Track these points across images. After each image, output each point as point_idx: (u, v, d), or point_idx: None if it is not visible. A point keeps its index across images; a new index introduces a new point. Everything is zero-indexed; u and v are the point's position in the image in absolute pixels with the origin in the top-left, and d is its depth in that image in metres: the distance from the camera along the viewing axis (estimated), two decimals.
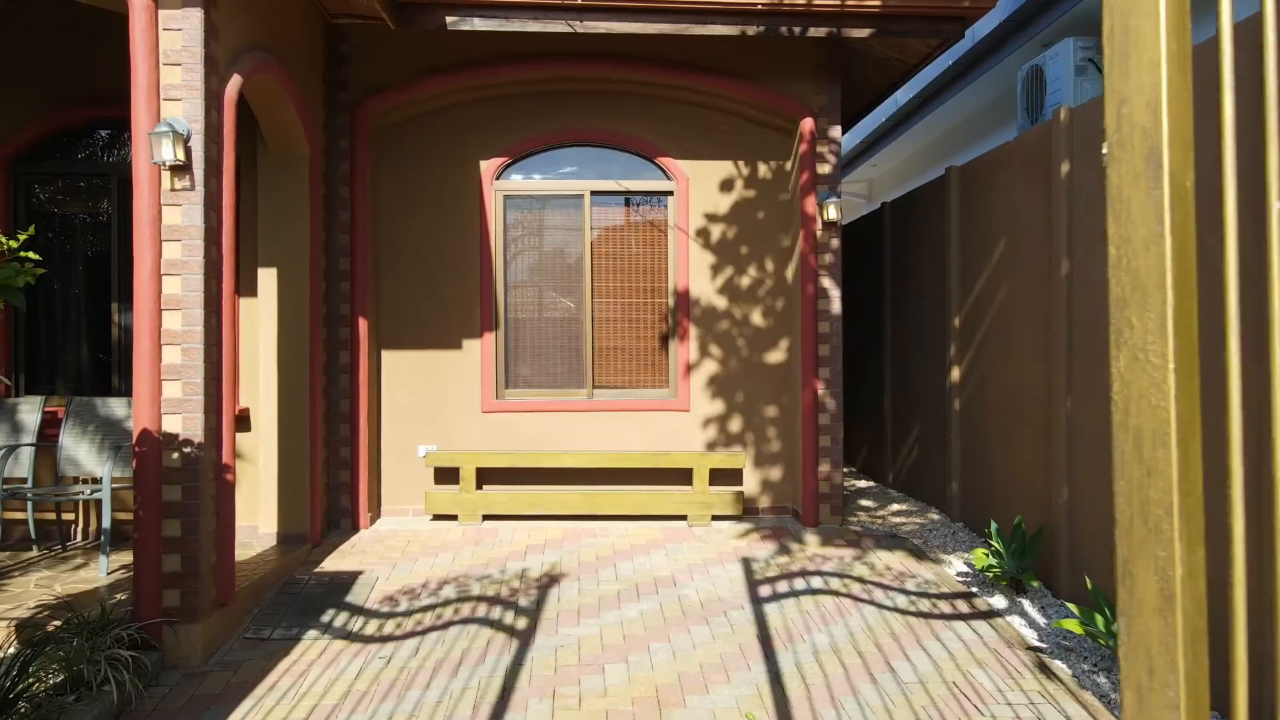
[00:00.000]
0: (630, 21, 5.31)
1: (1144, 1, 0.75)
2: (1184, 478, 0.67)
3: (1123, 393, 0.72)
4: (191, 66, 3.80)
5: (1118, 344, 0.73)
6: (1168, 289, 0.70)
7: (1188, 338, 0.68)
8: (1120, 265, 0.74)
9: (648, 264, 6.43)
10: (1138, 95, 0.76)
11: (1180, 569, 0.68)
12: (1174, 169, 0.73)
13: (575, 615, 4.40)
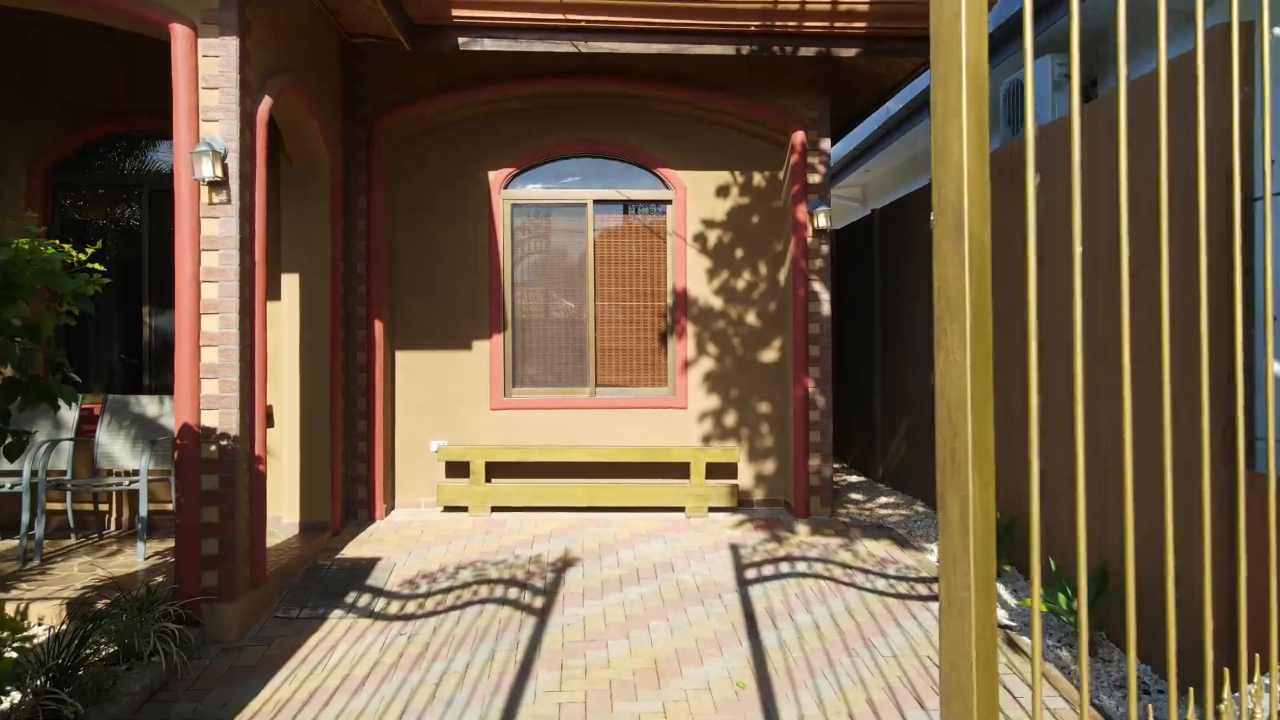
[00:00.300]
0: (631, 42, 5.63)
1: (952, 120, 1.06)
2: (978, 437, 0.98)
3: (940, 378, 1.03)
4: (228, 90, 4.12)
5: (938, 346, 1.05)
6: (967, 310, 1.01)
7: (982, 342, 0.99)
8: (940, 293, 1.06)
9: (647, 268, 6.75)
10: (949, 182, 1.07)
11: (973, 497, 0.99)
12: (973, 230, 1.04)
13: (580, 597, 4.72)
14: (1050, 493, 4.74)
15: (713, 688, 3.63)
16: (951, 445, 1.01)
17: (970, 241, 1.05)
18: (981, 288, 1.03)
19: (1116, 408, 3.87)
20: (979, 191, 1.05)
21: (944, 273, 1.08)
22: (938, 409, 1.04)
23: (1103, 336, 3.99)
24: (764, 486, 6.70)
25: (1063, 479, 4.56)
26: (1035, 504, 1.11)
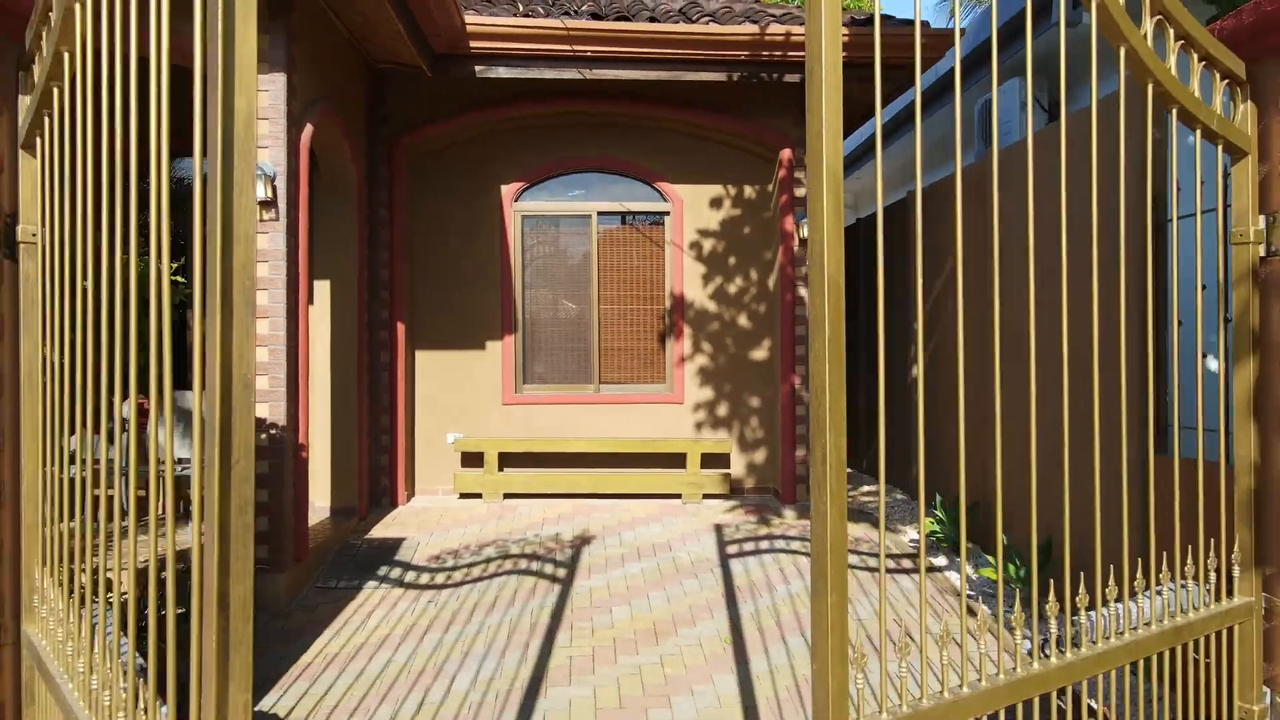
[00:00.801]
0: (632, 70, 6.14)
1: (816, 201, 1.57)
2: (834, 407, 1.50)
3: (812, 372, 1.55)
4: (276, 120, 4.63)
5: (810, 350, 1.57)
6: (826, 326, 1.52)
7: (837, 347, 1.51)
8: (811, 315, 1.57)
9: (647, 274, 7.26)
10: (817, 240, 1.58)
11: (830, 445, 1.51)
12: (831, 272, 1.55)
13: (587, 571, 5.23)
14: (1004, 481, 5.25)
15: (703, 644, 4.15)
16: (819, 413, 1.53)
17: (829, 280, 1.57)
18: (836, 310, 1.55)
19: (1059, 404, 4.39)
20: (835, 248, 1.58)
21: (814, 300, 1.60)
22: (812, 389, 1.57)
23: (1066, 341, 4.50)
24: (754, 475, 7.22)
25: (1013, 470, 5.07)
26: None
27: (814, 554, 1.61)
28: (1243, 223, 2.50)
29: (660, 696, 3.60)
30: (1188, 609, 2.30)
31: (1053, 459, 4.51)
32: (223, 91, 1.28)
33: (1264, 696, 2.47)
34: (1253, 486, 2.50)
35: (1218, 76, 2.42)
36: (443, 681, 3.68)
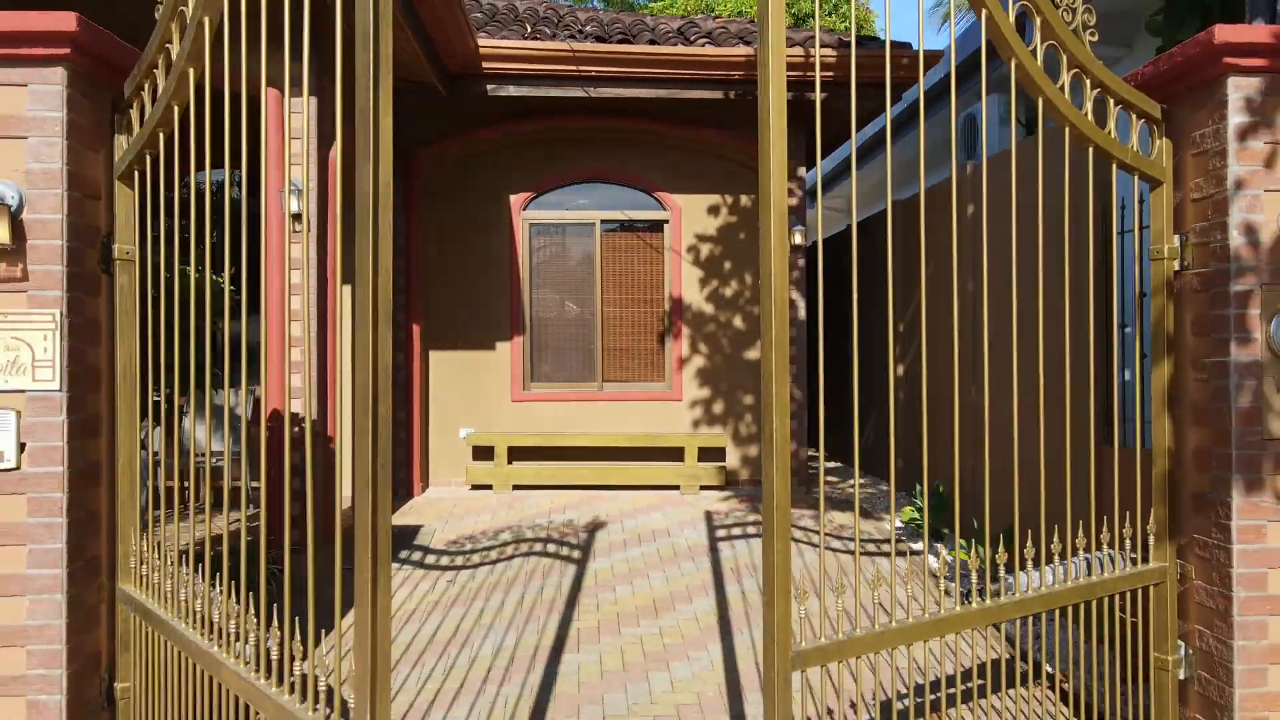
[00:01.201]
0: (634, 89, 6.53)
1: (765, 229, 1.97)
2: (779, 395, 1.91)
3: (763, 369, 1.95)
4: (309, 140, 5.01)
5: (762, 350, 1.97)
6: (773, 330, 1.92)
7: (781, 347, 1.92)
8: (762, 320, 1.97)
9: (647, 278, 7.66)
10: (765, 259, 1.98)
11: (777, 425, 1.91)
12: (777, 289, 1.96)
13: (593, 555, 5.62)
14: (976, 472, 5.65)
15: (698, 618, 4.54)
16: (768, 399, 1.93)
17: (775, 293, 1.97)
18: (781, 318, 1.96)
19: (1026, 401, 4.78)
20: (781, 266, 1.98)
21: (764, 309, 2.00)
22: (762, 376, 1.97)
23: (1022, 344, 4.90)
24: (748, 468, 7.60)
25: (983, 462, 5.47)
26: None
27: (764, 511, 2.01)
28: (1159, 241, 2.89)
29: (659, 661, 3.99)
30: (1102, 572, 2.70)
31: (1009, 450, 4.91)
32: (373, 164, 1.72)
33: (1179, 649, 2.86)
34: (1167, 469, 2.89)
35: (1134, 117, 2.81)
36: (468, 650, 4.08)
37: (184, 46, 2.32)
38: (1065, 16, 2.60)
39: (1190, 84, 2.78)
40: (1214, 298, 2.72)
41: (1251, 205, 2.65)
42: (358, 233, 1.86)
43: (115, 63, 2.61)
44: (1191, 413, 2.84)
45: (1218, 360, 2.71)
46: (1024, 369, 4.13)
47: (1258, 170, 2.65)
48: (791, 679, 2.12)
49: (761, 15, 2.05)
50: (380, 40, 1.86)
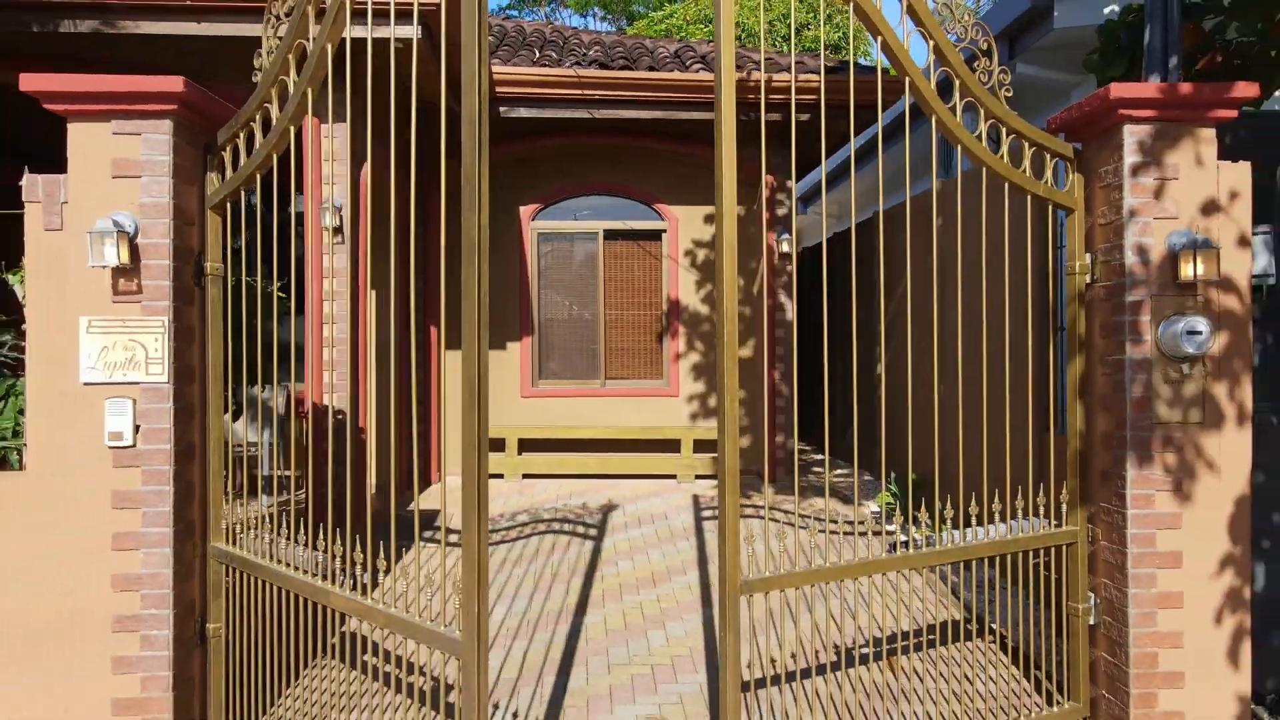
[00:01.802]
0: (634, 110, 7.07)
1: (720, 255, 2.51)
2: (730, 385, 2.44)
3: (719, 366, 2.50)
4: (342, 162, 5.55)
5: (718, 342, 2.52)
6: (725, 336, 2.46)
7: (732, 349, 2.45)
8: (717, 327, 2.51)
9: (647, 283, 8.19)
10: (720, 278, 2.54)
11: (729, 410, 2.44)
12: (728, 303, 2.49)
13: (598, 534, 6.16)
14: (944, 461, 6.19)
15: (690, 588, 5.08)
16: (723, 387, 2.48)
17: (726, 308, 2.52)
18: (731, 325, 2.49)
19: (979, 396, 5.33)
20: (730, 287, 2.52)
21: (719, 320, 2.55)
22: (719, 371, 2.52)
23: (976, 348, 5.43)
24: (740, 458, 8.12)
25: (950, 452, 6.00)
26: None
27: (719, 475, 2.56)
28: (1073, 259, 3.42)
29: (656, 623, 4.54)
30: (1017, 532, 3.24)
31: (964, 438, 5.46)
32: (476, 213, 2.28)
33: (1089, 599, 3.39)
34: (1080, 449, 3.42)
35: (1048, 156, 3.34)
36: (503, 606, 4.64)
37: (287, 110, 2.86)
38: (982, 78, 3.14)
39: (1095, 129, 3.32)
40: (1114, 306, 3.26)
41: (1143, 230, 3.19)
42: (464, 261, 2.40)
43: (210, 114, 3.15)
44: (1099, 402, 3.38)
45: (1117, 358, 3.24)
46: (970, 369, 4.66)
47: (1148, 201, 3.19)
48: (740, 601, 2.68)
49: (716, 56, 2.60)
50: (481, 128, 2.39)
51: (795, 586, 2.80)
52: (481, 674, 2.48)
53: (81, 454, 3.00)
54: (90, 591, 3.00)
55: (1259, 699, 3.52)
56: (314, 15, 2.83)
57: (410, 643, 4.06)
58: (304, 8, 2.80)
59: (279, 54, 2.91)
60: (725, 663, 2.69)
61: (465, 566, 2.50)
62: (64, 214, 3.02)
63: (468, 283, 2.44)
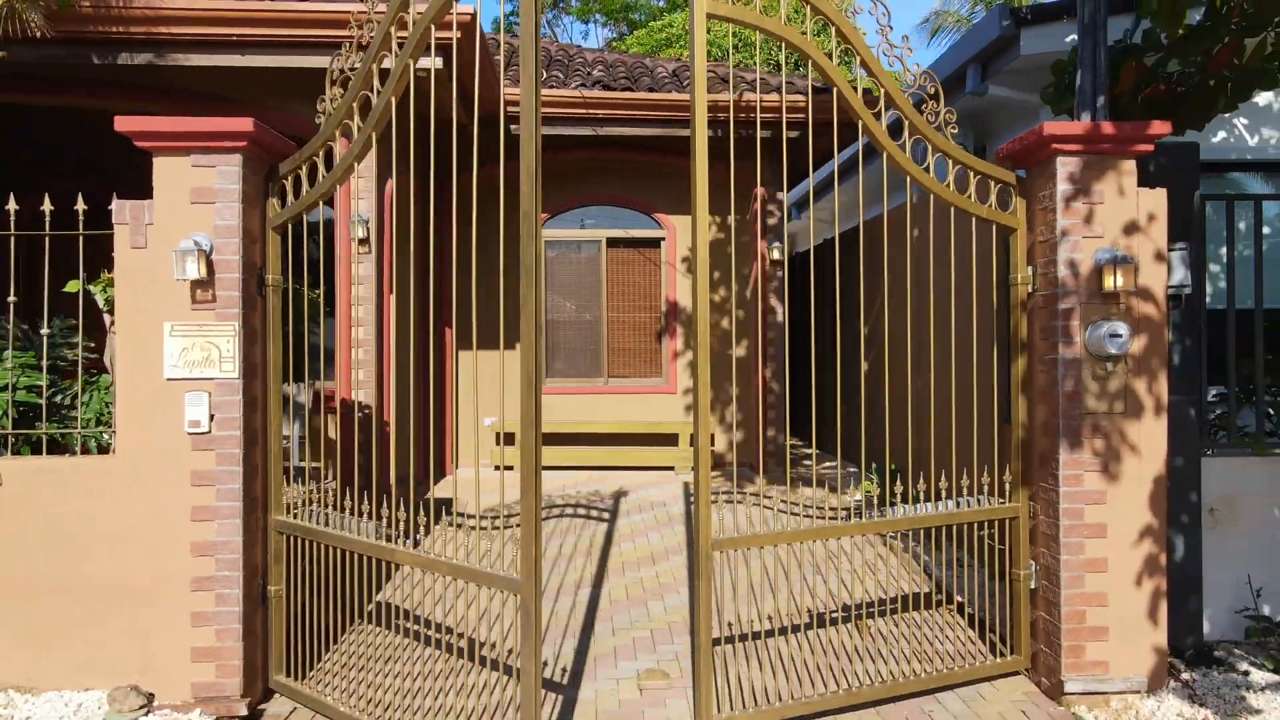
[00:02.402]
0: (634, 128, 7.55)
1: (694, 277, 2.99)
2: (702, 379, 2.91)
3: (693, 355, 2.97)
4: (369, 179, 6.04)
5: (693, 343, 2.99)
6: (698, 344, 2.96)
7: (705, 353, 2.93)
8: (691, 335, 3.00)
9: (646, 288, 8.68)
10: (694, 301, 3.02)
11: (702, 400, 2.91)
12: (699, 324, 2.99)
13: (605, 519, 6.65)
14: (917, 452, 6.68)
15: (685, 566, 5.57)
16: (697, 381, 2.96)
17: (699, 325, 3.00)
18: (705, 339, 2.99)
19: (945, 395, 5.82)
20: (704, 307, 3.00)
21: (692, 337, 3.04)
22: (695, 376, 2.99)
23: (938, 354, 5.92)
24: (734, 451, 8.61)
25: (922, 444, 6.49)
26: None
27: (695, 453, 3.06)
28: (1016, 271, 3.91)
29: (655, 595, 5.02)
30: (964, 507, 3.74)
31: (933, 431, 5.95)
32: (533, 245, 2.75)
33: (1030, 566, 3.87)
34: (1023, 437, 3.91)
35: (993, 183, 3.83)
36: None
37: (353, 149, 3.36)
38: (930, 118, 3.63)
39: (1033, 160, 3.81)
40: (1050, 313, 3.74)
41: (1074, 248, 3.67)
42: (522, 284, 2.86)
43: (271, 148, 3.64)
44: (1038, 396, 3.86)
45: (1052, 357, 3.73)
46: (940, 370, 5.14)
47: (1078, 223, 3.68)
48: (712, 555, 3.19)
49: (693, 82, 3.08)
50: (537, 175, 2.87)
51: (760, 545, 3.30)
52: (537, 607, 2.95)
53: (165, 439, 3.49)
54: (172, 557, 3.49)
55: (1178, 654, 4.00)
56: (378, 74, 3.32)
57: (439, 609, 4.55)
58: (369, 65, 3.30)
59: (344, 102, 3.40)
60: (700, 601, 3.18)
61: (524, 519, 2.97)
62: (148, 234, 3.51)
63: (525, 298, 2.90)
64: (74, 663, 3.53)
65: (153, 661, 3.50)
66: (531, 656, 2.95)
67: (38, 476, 3.54)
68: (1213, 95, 4.79)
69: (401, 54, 3.23)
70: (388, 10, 3.27)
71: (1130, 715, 3.53)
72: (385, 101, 3.27)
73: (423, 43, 3.21)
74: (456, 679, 3.77)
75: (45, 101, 6.07)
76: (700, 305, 3.10)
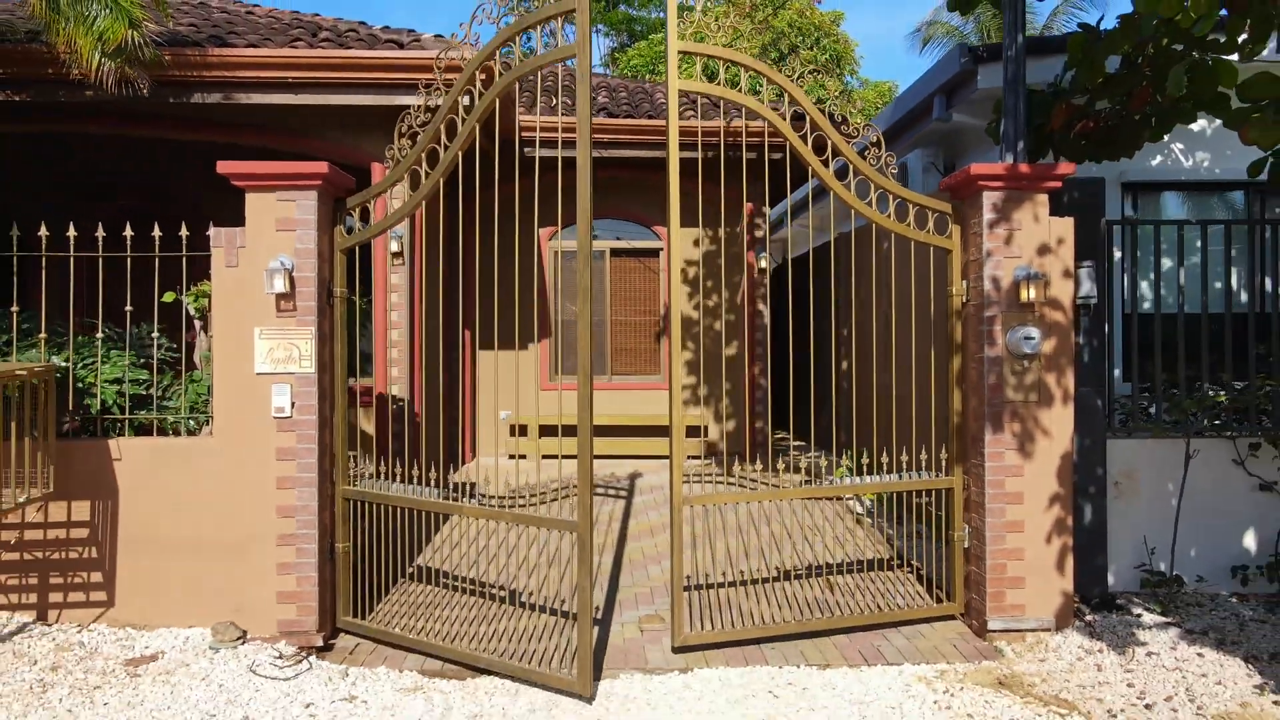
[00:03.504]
0: (635, 150, 8.30)
1: (670, 288, 3.73)
2: (676, 375, 3.64)
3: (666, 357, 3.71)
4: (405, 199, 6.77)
5: (668, 344, 3.71)
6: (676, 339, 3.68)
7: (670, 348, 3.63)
8: (669, 329, 3.73)
9: (647, 293, 9.42)
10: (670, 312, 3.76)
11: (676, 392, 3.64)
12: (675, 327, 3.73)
13: (608, 500, 7.40)
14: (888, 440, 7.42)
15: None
16: (670, 376, 3.68)
17: (674, 329, 3.74)
18: (677, 330, 3.72)
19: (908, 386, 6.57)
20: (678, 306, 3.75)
21: (670, 325, 3.77)
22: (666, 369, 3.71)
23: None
24: (725, 441, 9.36)
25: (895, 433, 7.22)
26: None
27: (670, 433, 3.79)
28: (952, 284, 4.65)
29: (654, 561, 5.77)
30: (904, 479, 4.49)
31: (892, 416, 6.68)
32: (588, 272, 3.47)
33: (964, 529, 4.62)
34: (956, 423, 4.65)
35: (930, 213, 4.58)
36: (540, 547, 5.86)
37: (423, 191, 4.11)
38: (872, 161, 4.38)
39: (965, 193, 4.55)
40: (979, 319, 4.49)
41: (996, 266, 4.42)
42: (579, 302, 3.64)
43: (339, 184, 4.38)
44: (970, 388, 4.61)
45: (980, 356, 4.47)
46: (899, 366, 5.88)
47: (1000, 245, 4.42)
48: (683, 509, 3.98)
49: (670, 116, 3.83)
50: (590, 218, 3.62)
51: (722, 504, 4.08)
52: (590, 542, 3.70)
53: (255, 423, 4.23)
54: (261, 518, 4.23)
55: (1086, 601, 4.75)
56: (445, 131, 4.07)
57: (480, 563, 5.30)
58: (438, 125, 4.05)
59: (414, 153, 4.16)
60: (674, 544, 3.93)
61: (581, 473, 3.72)
62: (240, 256, 4.26)
63: (581, 314, 3.64)
64: (180, 605, 4.28)
65: (245, 603, 4.25)
66: (586, 576, 3.71)
67: (151, 454, 4.30)
68: (1139, 129, 5.51)
69: (469, 119, 3.98)
70: (451, 91, 4.03)
71: (1041, 648, 4.27)
72: (453, 155, 4.03)
73: (488, 111, 3.96)
74: (501, 622, 4.52)
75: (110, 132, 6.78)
76: (675, 305, 3.84)
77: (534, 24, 4.00)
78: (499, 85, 3.95)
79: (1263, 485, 4.87)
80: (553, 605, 4.65)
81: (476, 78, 4.08)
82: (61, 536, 4.30)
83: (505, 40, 3.98)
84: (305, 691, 3.70)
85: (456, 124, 4.15)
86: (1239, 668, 3.97)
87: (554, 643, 4.15)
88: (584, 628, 3.68)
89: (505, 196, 9.03)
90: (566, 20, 3.82)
